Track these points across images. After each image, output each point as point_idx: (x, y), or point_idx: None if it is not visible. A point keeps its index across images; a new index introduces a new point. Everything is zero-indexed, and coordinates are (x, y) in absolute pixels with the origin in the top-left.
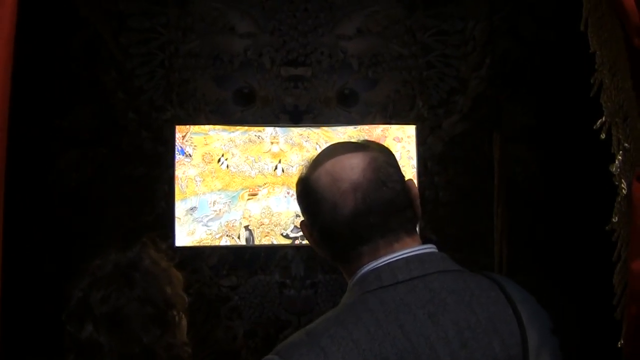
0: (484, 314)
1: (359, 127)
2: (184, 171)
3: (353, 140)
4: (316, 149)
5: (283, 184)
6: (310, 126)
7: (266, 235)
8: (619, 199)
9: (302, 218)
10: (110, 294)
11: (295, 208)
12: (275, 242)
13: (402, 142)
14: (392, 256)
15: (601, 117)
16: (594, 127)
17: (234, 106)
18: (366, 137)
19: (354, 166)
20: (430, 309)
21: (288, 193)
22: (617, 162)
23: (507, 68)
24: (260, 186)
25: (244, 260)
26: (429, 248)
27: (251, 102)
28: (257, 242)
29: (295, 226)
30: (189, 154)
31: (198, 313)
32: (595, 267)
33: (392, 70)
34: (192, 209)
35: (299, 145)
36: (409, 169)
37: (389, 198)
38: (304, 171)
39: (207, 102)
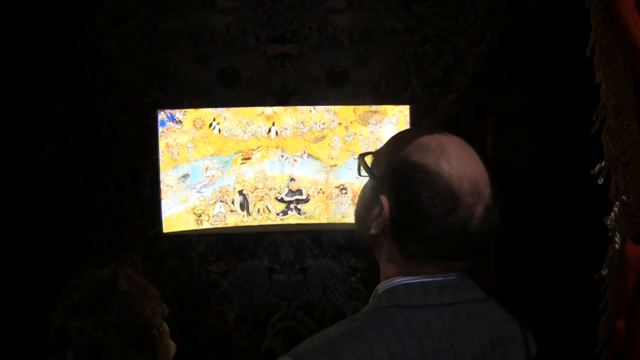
0: (500, 350)
1: (351, 107)
2: (174, 138)
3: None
4: (311, 111)
5: (277, 147)
6: (298, 106)
7: (260, 200)
8: (611, 253)
9: (297, 181)
10: (87, 324)
11: (290, 171)
12: (269, 206)
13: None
14: (429, 277)
15: (601, 159)
16: (592, 173)
17: (218, 88)
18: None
19: (487, 184)
20: (454, 340)
21: (282, 156)
22: (612, 214)
23: (509, 44)
24: (253, 150)
25: (233, 247)
26: (462, 274)
27: (235, 84)
28: (251, 207)
29: (290, 190)
30: (179, 120)
31: (188, 299)
32: (591, 251)
33: (385, 47)
34: (185, 176)
35: (293, 107)
36: None
37: (494, 228)
38: (430, 157)
39: (189, 84)
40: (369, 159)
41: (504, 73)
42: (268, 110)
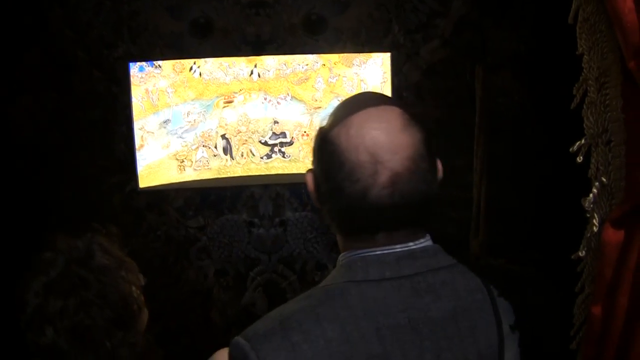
0: (464, 322)
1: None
2: (154, 83)
3: (398, 102)
4: None
5: (260, 90)
6: (274, 55)
7: (244, 143)
8: (589, 234)
9: (281, 124)
10: (68, 304)
11: (273, 114)
12: (253, 150)
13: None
14: (386, 248)
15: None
16: (570, 150)
17: (191, 39)
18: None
19: (398, 150)
20: (412, 314)
21: (265, 99)
22: (591, 196)
23: None
24: (235, 93)
25: (210, 201)
26: (425, 241)
27: (209, 34)
28: (234, 151)
29: (274, 133)
30: (159, 65)
31: (167, 255)
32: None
33: None
34: (166, 121)
35: None
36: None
37: (424, 193)
38: (333, 129)
39: (160, 35)
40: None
41: (489, 18)
42: None
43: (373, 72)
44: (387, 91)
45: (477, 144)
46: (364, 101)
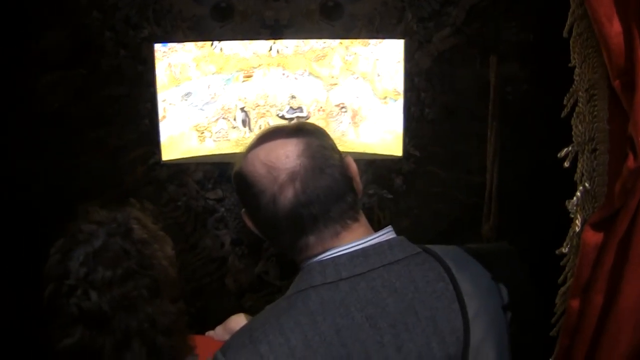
0: (425, 312)
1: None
2: (176, 57)
3: (286, 124)
4: None
5: (278, 65)
6: (292, 39)
7: (262, 117)
8: (572, 233)
9: (298, 99)
10: (115, 274)
11: (291, 89)
12: (271, 123)
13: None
14: (338, 249)
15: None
16: (558, 156)
17: (212, 22)
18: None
19: (288, 154)
20: (369, 311)
21: (283, 74)
22: (575, 199)
23: None
24: (255, 68)
25: (228, 175)
26: (379, 236)
27: (230, 17)
28: (253, 124)
29: (291, 107)
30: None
31: (187, 224)
32: None
33: None
34: (187, 94)
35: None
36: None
37: (329, 185)
38: (238, 164)
39: (184, 18)
40: None
41: (500, 7)
42: None
43: (390, 50)
44: (400, 75)
45: (490, 131)
46: (252, 142)
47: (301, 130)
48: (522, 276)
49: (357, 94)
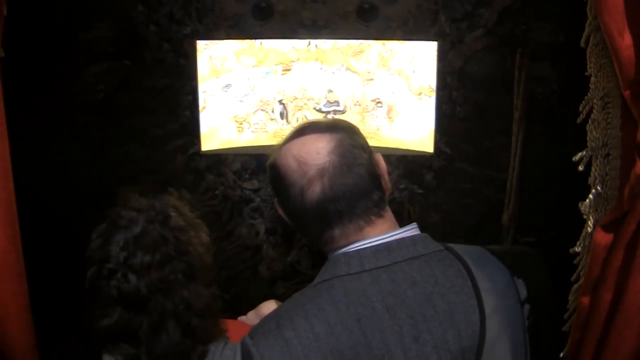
0: (443, 305)
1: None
2: (217, 50)
3: (322, 120)
4: None
5: (316, 59)
6: (328, 39)
7: (299, 109)
8: (584, 233)
9: (335, 93)
10: (153, 259)
11: (328, 83)
12: (308, 116)
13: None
14: (363, 242)
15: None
16: (573, 160)
17: (253, 21)
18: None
19: (319, 150)
20: (389, 302)
21: (321, 68)
22: (588, 201)
23: None
24: (293, 61)
25: (265, 167)
26: (404, 232)
27: (269, 17)
28: (290, 116)
29: (328, 101)
30: None
31: (223, 212)
32: None
33: None
34: (227, 86)
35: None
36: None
37: (355, 183)
38: (273, 155)
39: (225, 17)
40: None
41: (531, 10)
42: None
43: (425, 47)
44: (433, 74)
45: (517, 127)
46: (289, 135)
47: (334, 128)
48: (541, 276)
49: (393, 89)
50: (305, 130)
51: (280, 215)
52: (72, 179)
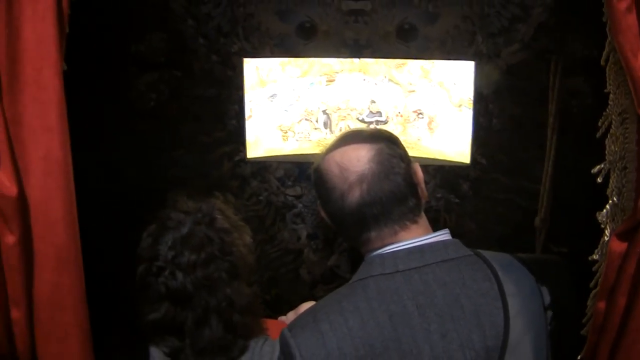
0: (470, 306)
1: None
2: (264, 61)
3: (365, 129)
4: None
5: (360, 71)
6: (370, 58)
7: (343, 119)
8: (602, 242)
9: (377, 104)
10: (199, 258)
11: (370, 94)
12: (351, 126)
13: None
14: (397, 245)
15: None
16: (592, 172)
17: (297, 40)
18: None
19: (360, 158)
20: (420, 301)
21: (364, 80)
22: (605, 211)
23: None
24: (337, 72)
25: (307, 174)
26: (436, 236)
27: (313, 36)
28: (334, 126)
29: (371, 111)
30: None
31: (267, 217)
32: None
33: (452, 5)
34: (273, 96)
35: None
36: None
37: (391, 189)
38: (318, 161)
39: (271, 35)
40: None
41: (566, 25)
42: None
43: (464, 61)
44: (468, 88)
45: (549, 142)
46: (334, 141)
47: (376, 137)
48: (565, 284)
49: (434, 101)
50: (349, 137)
51: (322, 217)
52: (126, 181)
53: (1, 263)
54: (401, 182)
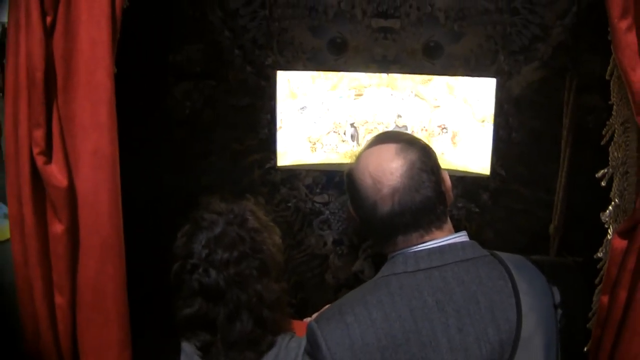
0: (485, 303)
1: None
2: (295, 74)
3: (400, 134)
4: None
5: (387, 86)
6: (397, 73)
7: (370, 132)
8: (606, 240)
9: (403, 118)
10: (231, 256)
11: (397, 108)
12: None
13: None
14: (420, 246)
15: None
16: (596, 176)
17: (328, 54)
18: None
19: (393, 171)
20: (439, 297)
21: (391, 94)
22: (608, 212)
23: (592, 18)
24: (365, 87)
25: (335, 182)
26: (455, 238)
27: (344, 51)
28: (361, 139)
29: (397, 125)
30: None
31: (295, 223)
32: None
33: (477, 25)
34: (303, 108)
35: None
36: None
37: (421, 201)
38: (353, 165)
39: (304, 50)
40: None
41: (584, 44)
42: None
43: (487, 78)
44: (491, 104)
45: (563, 155)
46: (371, 141)
47: (409, 148)
48: (575, 285)
49: (458, 116)
50: (382, 153)
51: (351, 214)
52: (161, 186)
53: (48, 251)
54: (430, 194)
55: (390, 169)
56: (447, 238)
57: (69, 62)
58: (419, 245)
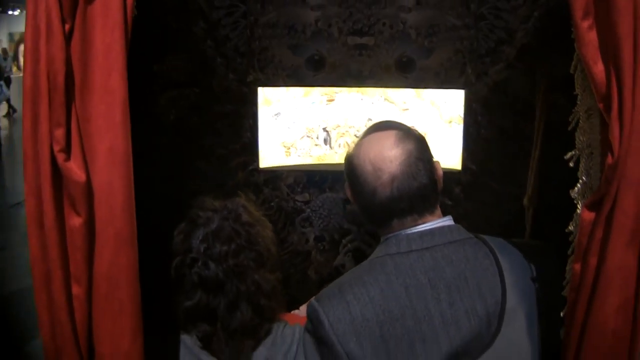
0: (473, 280)
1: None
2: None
3: (399, 125)
4: None
5: (357, 91)
6: (372, 87)
7: (342, 136)
8: (576, 215)
9: (374, 121)
10: (229, 249)
11: (367, 113)
12: (349, 142)
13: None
14: (413, 229)
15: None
16: (565, 157)
17: (307, 71)
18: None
19: (392, 159)
20: (431, 275)
21: (361, 99)
22: (576, 189)
23: (553, 21)
24: (336, 93)
25: (315, 181)
26: (443, 222)
27: (321, 68)
28: (333, 142)
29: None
30: None
31: (278, 221)
32: None
33: (446, 40)
34: (277, 114)
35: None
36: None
37: (417, 187)
38: (353, 151)
39: (283, 67)
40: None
41: (546, 46)
42: None
43: (456, 91)
44: (459, 107)
45: (534, 149)
46: (370, 129)
47: (407, 138)
48: (549, 262)
49: (426, 118)
50: (382, 140)
51: (348, 195)
52: (150, 189)
53: (65, 243)
54: (426, 181)
55: (390, 157)
56: (437, 222)
57: (86, 67)
58: (411, 228)
